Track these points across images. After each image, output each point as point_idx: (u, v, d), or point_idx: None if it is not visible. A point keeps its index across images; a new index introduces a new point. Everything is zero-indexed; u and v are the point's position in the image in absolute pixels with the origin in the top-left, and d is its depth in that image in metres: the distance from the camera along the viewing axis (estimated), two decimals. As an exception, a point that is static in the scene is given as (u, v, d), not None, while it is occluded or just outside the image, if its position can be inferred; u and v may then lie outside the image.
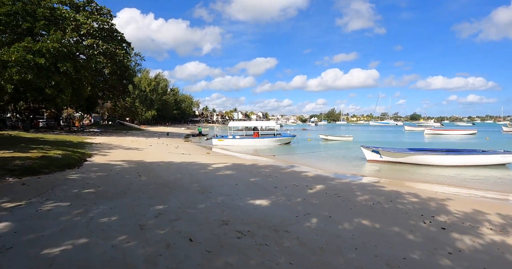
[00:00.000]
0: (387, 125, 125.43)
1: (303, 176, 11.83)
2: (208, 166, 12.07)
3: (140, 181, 8.22)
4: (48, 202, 5.77)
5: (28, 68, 24.63)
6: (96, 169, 9.60)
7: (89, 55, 30.13)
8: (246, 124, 34.54)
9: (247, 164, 14.00)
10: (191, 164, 12.33)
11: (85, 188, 7.02)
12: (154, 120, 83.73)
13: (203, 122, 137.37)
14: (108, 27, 33.44)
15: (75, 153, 11.62)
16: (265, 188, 8.50)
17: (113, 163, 11.23)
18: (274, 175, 11.10)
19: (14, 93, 27.20)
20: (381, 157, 17.49)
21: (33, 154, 9.81)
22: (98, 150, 15.60)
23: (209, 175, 9.93)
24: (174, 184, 8.09)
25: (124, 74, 35.78)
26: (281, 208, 6.50)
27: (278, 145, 28.39)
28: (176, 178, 8.97)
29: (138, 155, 14.75)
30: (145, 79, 74.69)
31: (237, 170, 11.50)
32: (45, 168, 8.46)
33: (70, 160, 9.95)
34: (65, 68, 26.12)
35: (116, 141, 22.75)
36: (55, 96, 26.10)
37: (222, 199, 6.84)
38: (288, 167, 14.55)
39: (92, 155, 13.01)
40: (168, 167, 11.07)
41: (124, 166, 10.70)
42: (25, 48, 24.31)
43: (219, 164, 12.92)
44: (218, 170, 11.27)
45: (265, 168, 13.17)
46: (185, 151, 18.56)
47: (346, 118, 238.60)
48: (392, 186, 10.37)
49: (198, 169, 10.99)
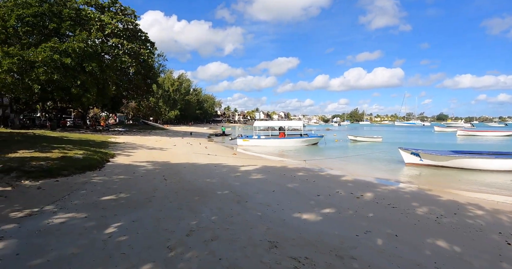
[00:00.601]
0: (414, 125, 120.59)
1: (343, 182, 10.63)
2: (238, 169, 11.08)
3: (166, 186, 7.32)
4: (62, 212, 4.92)
5: (54, 68, 24.73)
6: (119, 171, 8.84)
7: (114, 55, 30.05)
8: (272, 124, 33.45)
9: (278, 167, 12.91)
10: (219, 166, 11.38)
11: (106, 194, 6.17)
12: (177, 119, 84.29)
13: (225, 122, 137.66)
14: (133, 27, 33.39)
15: (97, 154, 11.02)
16: (307, 197, 7.39)
17: (136, 165, 10.48)
18: (311, 180, 9.96)
19: (42, 92, 27.47)
20: (421, 160, 15.98)
21: (53, 154, 9.20)
22: (121, 150, 15.02)
23: (241, 179, 8.93)
24: (204, 190, 7.13)
25: (148, 74, 35.65)
26: (334, 223, 5.38)
27: (305, 146, 27.11)
28: (205, 182, 8.02)
29: (162, 155, 14.02)
30: (169, 79, 75.20)
31: (269, 174, 10.44)
32: (64, 170, 7.76)
33: (92, 161, 9.30)
34: (90, 68, 26.08)
35: (140, 141, 22.30)
36: (80, 96, 26.10)
37: (262, 210, 5.79)
38: (322, 171, 13.34)
39: (115, 155, 12.40)
40: (195, 170, 10.18)
41: (149, 168, 9.90)
42: (51, 48, 24.40)
43: (249, 167, 11.91)
44: (249, 173, 10.25)
45: (298, 171, 12.04)
46: (210, 152, 17.71)
47: (370, 118, 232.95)
48: (446, 195, 9.07)
49: (227, 172, 10.02)
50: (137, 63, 31.88)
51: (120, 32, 30.79)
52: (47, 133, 19.92)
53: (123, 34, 30.98)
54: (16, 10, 25.35)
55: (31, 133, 16.66)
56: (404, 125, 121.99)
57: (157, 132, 39.51)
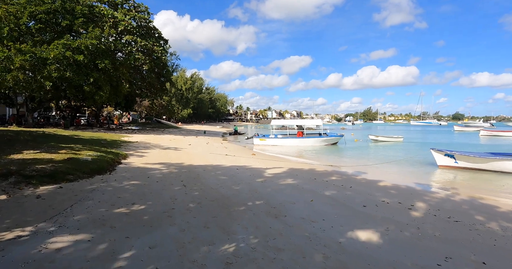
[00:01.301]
0: (430, 125, 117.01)
1: (383, 188, 9.38)
2: (263, 172, 9.93)
3: (186, 194, 6.22)
4: (61, 233, 3.87)
5: (67, 65, 24.15)
6: (131, 176, 7.79)
7: (127, 52, 29.35)
8: (290, 122, 32.12)
9: (306, 170, 11.70)
10: (241, 169, 10.25)
11: (116, 206, 5.11)
12: (189, 118, 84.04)
13: (237, 121, 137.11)
14: (146, 24, 32.66)
15: (108, 154, 9.98)
16: (352, 208, 6.20)
17: (151, 167, 9.45)
18: (347, 186, 8.73)
19: (55, 90, 26.98)
20: (456, 162, 14.57)
21: (59, 155, 8.25)
22: (134, 150, 14.05)
23: (270, 185, 7.77)
24: (231, 200, 6.00)
25: (161, 72, 34.91)
26: (402, 246, 4.20)
27: (324, 146, 25.77)
28: (231, 190, 6.89)
29: (178, 156, 12.99)
30: (182, 78, 74.82)
31: (299, 178, 9.25)
32: (70, 174, 6.77)
33: (101, 164, 8.33)
34: (103, 65, 25.40)
35: (153, 140, 21.41)
36: (93, 93, 25.45)
37: (308, 228, 4.63)
38: (356, 174, 12.07)
39: (127, 156, 11.37)
40: (216, 173, 9.07)
41: (164, 171, 8.84)
42: (64, 45, 23.81)
43: (274, 169, 10.75)
44: (276, 177, 9.09)
45: (330, 175, 10.82)
46: (228, 152, 16.64)
47: (383, 117, 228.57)
48: (504, 205, 7.79)
49: (253, 177, 8.87)
50: (150, 61, 31.11)
51: (133, 29, 30.07)
52: (58, 131, 19.22)
53: (136, 31, 30.25)
54: (29, 7, 24.88)
55: (41, 131, 15.91)
56: (420, 125, 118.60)
57: (170, 130, 38.78)
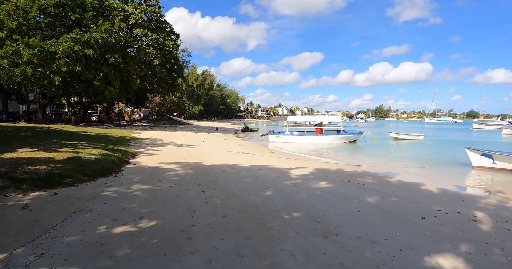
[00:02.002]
0: (445, 122, 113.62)
1: (427, 192, 8.12)
2: (288, 173, 8.73)
3: (207, 203, 5.06)
4: (40, 266, 2.76)
5: (76, 59, 23.37)
6: (140, 179, 6.70)
7: (138, 46, 28.42)
8: (307, 118, 30.69)
9: (333, 170, 10.45)
10: (264, 170, 9.06)
11: (119, 222, 3.99)
12: (200, 115, 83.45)
13: (247, 118, 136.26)
14: (157, 18, 31.70)
15: (115, 153, 8.87)
16: (410, 220, 5.01)
17: (163, 167, 8.35)
18: (388, 191, 7.48)
19: (64, 86, 26.29)
20: (494, 163, 13.18)
21: (59, 154, 7.20)
22: (144, 147, 13.01)
23: (302, 190, 6.57)
24: (263, 211, 4.82)
25: (173, 67, 33.95)
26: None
27: (343, 144, 24.39)
28: (259, 197, 5.70)
29: (192, 154, 11.89)
30: (193, 75, 74.06)
31: (331, 181, 8.02)
32: (68, 177, 5.66)
33: (106, 164, 7.20)
34: (113, 59, 24.52)
35: (165, 136, 20.43)
36: (103, 89, 24.63)
37: (373, 254, 3.43)
38: (389, 175, 10.77)
39: (137, 155, 10.26)
40: (237, 175, 7.90)
41: (179, 173, 7.72)
42: (73, 39, 23.01)
43: (299, 170, 9.54)
44: (306, 180, 7.88)
45: (361, 176, 9.56)
46: (244, 150, 15.50)
47: (396, 114, 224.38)
48: None
49: (279, 179, 7.68)
50: (161, 55, 30.14)
51: (144, 22, 29.13)
52: (66, 128, 18.40)
53: (147, 25, 29.30)
54: (38, 1, 24.14)
55: (46, 128, 15.04)
56: (435, 122, 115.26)
57: (182, 127, 37.90)
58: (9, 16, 23.38)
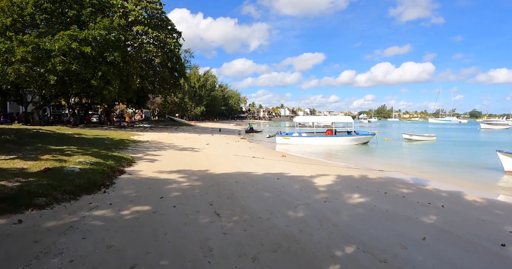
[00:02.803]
0: (449, 122, 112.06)
1: (476, 205, 6.91)
2: (311, 183, 7.40)
3: (226, 235, 3.67)
4: None
5: (73, 57, 22.13)
6: (135, 195, 5.34)
7: (138, 44, 27.16)
8: (317, 119, 29.29)
9: (357, 178, 9.12)
10: (283, 179, 7.72)
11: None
12: (202, 116, 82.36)
13: (249, 118, 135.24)
14: (158, 16, 30.46)
15: (108, 160, 7.45)
16: (489, 249, 3.78)
17: (164, 178, 7.01)
18: (436, 204, 6.18)
19: (61, 86, 25.04)
20: (531, 168, 11.94)
21: (37, 163, 5.86)
22: (144, 151, 11.68)
23: (339, 208, 5.25)
24: (305, 248, 3.47)
25: (174, 66, 32.67)
26: None
27: (354, 145, 23.04)
28: (291, 221, 4.36)
29: (198, 159, 10.56)
30: (195, 75, 72.94)
31: (365, 193, 6.71)
32: (42, 196, 4.35)
33: (94, 176, 5.76)
34: (112, 58, 23.28)
35: (166, 139, 19.14)
36: (101, 88, 23.36)
37: None
38: (421, 183, 9.42)
39: (133, 161, 8.91)
40: (254, 187, 6.56)
41: (183, 185, 6.40)
42: (70, 37, 21.77)
43: (321, 178, 8.21)
44: (335, 192, 6.55)
45: (393, 185, 8.24)
46: (253, 153, 14.19)
47: (398, 114, 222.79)
48: None
49: (306, 192, 6.35)
50: (162, 54, 28.87)
51: (145, 20, 27.87)
52: (61, 129, 17.11)
53: (148, 22, 28.04)
54: (34, -4, 22.95)
55: (35, 130, 13.73)
56: (439, 123, 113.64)
57: (184, 128, 36.62)
58: (3, 13, 22.19)
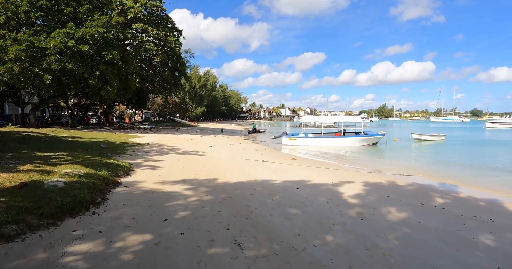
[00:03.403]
0: (452, 121, 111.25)
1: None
2: (339, 194, 6.41)
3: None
4: None
5: (70, 56, 21.14)
6: (133, 218, 4.32)
7: (137, 42, 26.16)
8: (325, 119, 28.26)
9: (385, 184, 8.13)
10: (304, 189, 6.72)
11: None
12: (203, 116, 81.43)
13: (250, 118, 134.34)
14: (158, 13, 29.47)
15: (101, 170, 6.28)
16: None
17: (167, 191, 5.99)
18: (483, 218, 5.24)
19: (58, 86, 24.04)
20: None
21: (15, 175, 4.71)
22: (143, 156, 10.60)
23: (383, 228, 4.28)
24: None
25: (175, 65, 31.64)
26: None
27: (363, 146, 22.07)
28: (332, 250, 3.38)
29: (203, 165, 9.55)
30: (195, 75, 71.99)
31: (401, 205, 5.74)
32: (13, 223, 3.31)
33: (81, 192, 4.59)
34: (110, 57, 22.27)
35: (168, 141, 18.14)
36: (99, 88, 22.35)
37: None
38: (453, 190, 8.43)
39: (132, 169, 7.81)
40: (275, 201, 5.53)
41: (190, 201, 5.31)
42: (67, 35, 20.78)
43: (347, 187, 7.22)
44: (370, 206, 5.56)
45: (426, 194, 7.28)
46: (261, 156, 13.20)
47: (399, 114, 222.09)
48: None
49: (336, 206, 5.35)
50: (163, 52, 27.87)
51: (144, 17, 26.88)
52: (57, 132, 16.13)
53: (148, 19, 27.05)
54: (29, -7, 21.98)
55: (26, 133, 12.67)
56: (441, 121, 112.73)
57: (185, 129, 35.61)
58: (-3, 10, 21.25)
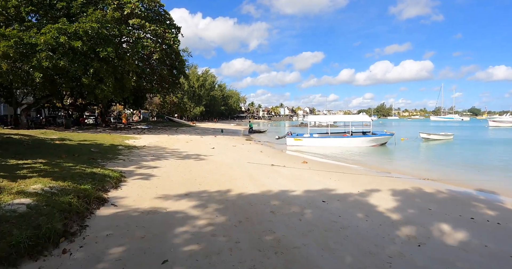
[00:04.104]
0: (451, 120, 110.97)
1: None
2: (372, 207, 5.28)
3: None
4: None
5: (62, 53, 19.94)
6: (117, 259, 3.00)
7: (134, 39, 24.92)
8: (331, 118, 27.16)
9: (414, 192, 6.99)
10: (332, 202, 5.56)
11: None
12: (202, 116, 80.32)
13: (249, 118, 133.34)
14: (156, 9, 28.26)
15: (83, 183, 4.95)
16: None
17: (166, 212, 4.67)
18: None
19: (50, 84, 22.81)
20: None
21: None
22: (138, 162, 9.34)
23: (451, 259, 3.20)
24: None
25: (174, 63, 30.42)
26: None
27: (371, 147, 21.00)
28: None
29: (208, 172, 8.33)
30: (194, 75, 70.78)
31: (447, 219, 4.62)
32: None
33: (49, 221, 3.24)
34: (105, 54, 21.09)
35: (166, 142, 16.96)
36: (93, 87, 21.14)
37: None
38: (493, 199, 7.32)
39: (123, 179, 6.52)
40: (302, 220, 4.37)
41: (198, 226, 4.06)
42: (58, 30, 19.59)
43: (377, 197, 6.09)
44: (416, 223, 4.44)
45: (463, 203, 6.19)
46: (268, 159, 12.06)
47: (398, 113, 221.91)
48: None
49: (378, 226, 4.22)
50: (161, 49, 26.65)
51: (142, 12, 25.64)
52: (46, 134, 14.93)
53: (145, 15, 25.82)
54: (18, -13, 20.80)
55: (7, 136, 11.41)
56: (441, 120, 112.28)
57: (184, 129, 34.41)
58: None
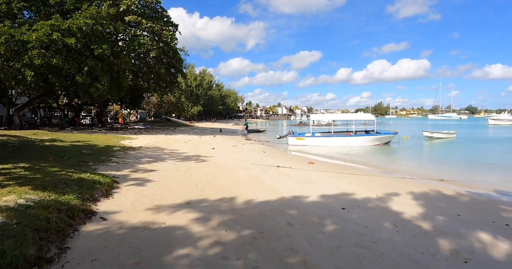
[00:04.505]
0: (450, 118, 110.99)
1: None
2: (397, 215, 4.65)
3: None
4: None
5: (55, 50, 19.20)
6: None
7: (130, 36, 24.20)
8: (335, 117, 26.64)
9: (434, 195, 6.35)
10: (353, 210, 4.91)
11: None
12: (199, 115, 79.64)
13: (247, 117, 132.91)
14: (153, 5, 27.55)
15: (67, 192, 4.22)
16: None
17: (164, 227, 3.92)
18: None
19: (43, 83, 22.07)
20: None
21: None
22: (133, 165, 8.57)
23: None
24: None
25: (171, 61, 29.70)
26: None
27: (374, 146, 20.45)
28: None
29: (210, 176, 7.64)
30: (191, 74, 70.02)
31: (482, 227, 4.00)
32: None
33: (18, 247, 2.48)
34: (100, 51, 20.37)
35: (164, 143, 16.28)
36: (88, 85, 20.40)
37: None
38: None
39: (115, 186, 5.79)
40: (325, 233, 3.70)
41: (203, 246, 3.33)
42: (51, 27, 18.85)
43: (399, 202, 5.47)
44: (453, 235, 3.82)
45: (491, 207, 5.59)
46: (273, 160, 11.44)
47: (395, 111, 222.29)
48: None
49: (411, 237, 3.58)
50: (158, 47, 25.93)
51: (138, 9, 24.92)
52: (38, 134, 14.22)
53: (142, 11, 25.10)
54: (10, -18, 20.04)
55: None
56: (439, 119, 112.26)
57: (182, 129, 33.71)
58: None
